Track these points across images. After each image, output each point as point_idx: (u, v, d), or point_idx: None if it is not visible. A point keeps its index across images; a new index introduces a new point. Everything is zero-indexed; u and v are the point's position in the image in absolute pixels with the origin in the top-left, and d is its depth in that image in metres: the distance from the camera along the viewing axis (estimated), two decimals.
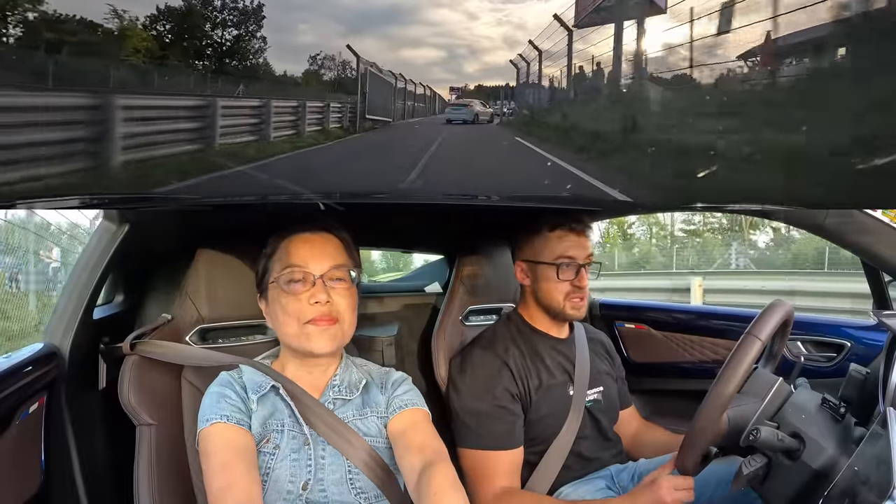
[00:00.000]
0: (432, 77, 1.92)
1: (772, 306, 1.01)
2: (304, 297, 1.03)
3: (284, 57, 1.79)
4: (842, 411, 0.96)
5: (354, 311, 1.08)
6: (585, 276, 1.34)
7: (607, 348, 1.52)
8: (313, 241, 1.07)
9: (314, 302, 1.02)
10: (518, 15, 1.77)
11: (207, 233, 1.30)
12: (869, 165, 1.08)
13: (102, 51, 1.56)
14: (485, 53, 1.83)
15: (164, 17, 1.68)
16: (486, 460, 1.25)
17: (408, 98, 2.17)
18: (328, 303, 1.03)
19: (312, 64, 1.86)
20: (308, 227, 1.09)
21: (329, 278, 1.04)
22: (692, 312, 1.96)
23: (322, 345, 1.03)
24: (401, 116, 2.17)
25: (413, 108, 2.19)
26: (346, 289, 1.06)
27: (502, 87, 2.09)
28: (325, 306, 1.03)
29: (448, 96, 2.11)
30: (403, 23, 1.68)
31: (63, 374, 1.16)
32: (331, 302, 1.03)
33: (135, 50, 1.60)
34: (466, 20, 1.76)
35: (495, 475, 1.24)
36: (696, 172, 1.21)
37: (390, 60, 1.85)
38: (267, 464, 1.00)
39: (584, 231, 1.35)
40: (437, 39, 1.74)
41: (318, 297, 1.02)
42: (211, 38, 1.75)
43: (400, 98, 2.14)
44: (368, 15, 1.67)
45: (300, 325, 1.03)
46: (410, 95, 2.17)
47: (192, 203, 1.30)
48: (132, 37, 1.60)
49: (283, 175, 1.63)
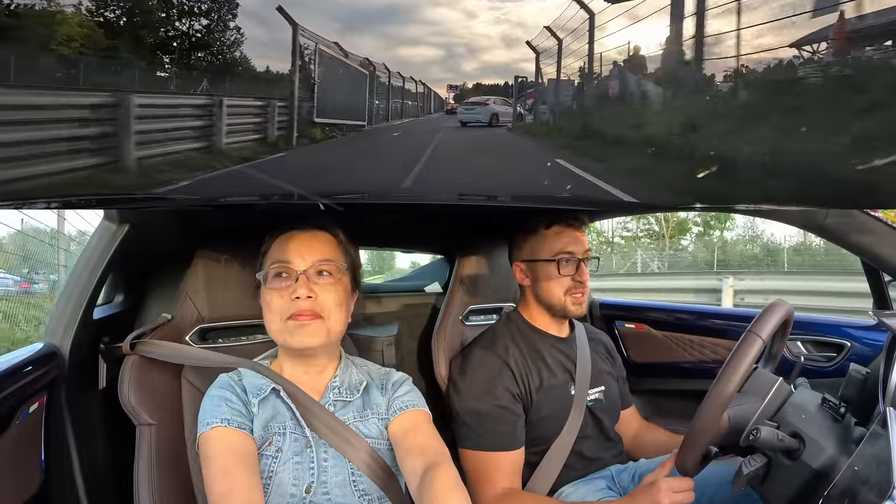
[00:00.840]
0: (431, 76, 1.89)
1: (772, 306, 1.01)
2: (286, 293, 1.02)
3: (274, 56, 1.71)
4: (842, 411, 0.96)
5: (343, 307, 1.06)
6: (585, 271, 1.34)
7: (608, 348, 1.52)
8: (301, 238, 1.07)
9: (295, 297, 1.02)
10: (516, 13, 1.76)
11: (207, 233, 1.30)
12: (869, 165, 1.07)
13: (25, 37, 1.36)
14: (483, 52, 1.82)
15: (111, 2, 1.48)
16: (488, 461, 1.25)
17: (393, 95, 1.92)
18: (310, 298, 1.02)
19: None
20: (301, 225, 1.09)
21: (314, 272, 1.04)
22: (692, 312, 1.96)
23: (302, 339, 1.02)
24: (384, 118, 1.90)
25: (401, 108, 1.94)
26: (332, 284, 1.05)
27: (516, 81, 1.86)
28: (307, 301, 1.02)
29: (445, 94, 2.04)
30: (401, 21, 1.67)
31: (63, 374, 1.16)
32: (313, 297, 1.02)
33: (68, 39, 1.40)
34: (465, 19, 1.75)
35: (496, 476, 1.24)
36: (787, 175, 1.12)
37: (388, 59, 1.83)
38: (269, 467, 1.00)
39: (580, 226, 1.36)
40: (435, 38, 1.73)
41: (299, 293, 1.01)
42: (173, 28, 1.54)
43: (382, 95, 1.88)
44: (366, 13, 1.67)
45: (282, 320, 1.03)
46: (397, 92, 1.92)
47: (192, 203, 1.30)
48: (64, 23, 1.39)
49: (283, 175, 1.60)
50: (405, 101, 1.96)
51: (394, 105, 1.91)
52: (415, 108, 2.00)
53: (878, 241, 1.09)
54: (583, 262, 1.33)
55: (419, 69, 1.84)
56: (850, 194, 1.06)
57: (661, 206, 2.50)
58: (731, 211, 4.99)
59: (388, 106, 1.86)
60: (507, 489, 1.24)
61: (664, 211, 6.33)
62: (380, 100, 1.85)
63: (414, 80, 1.91)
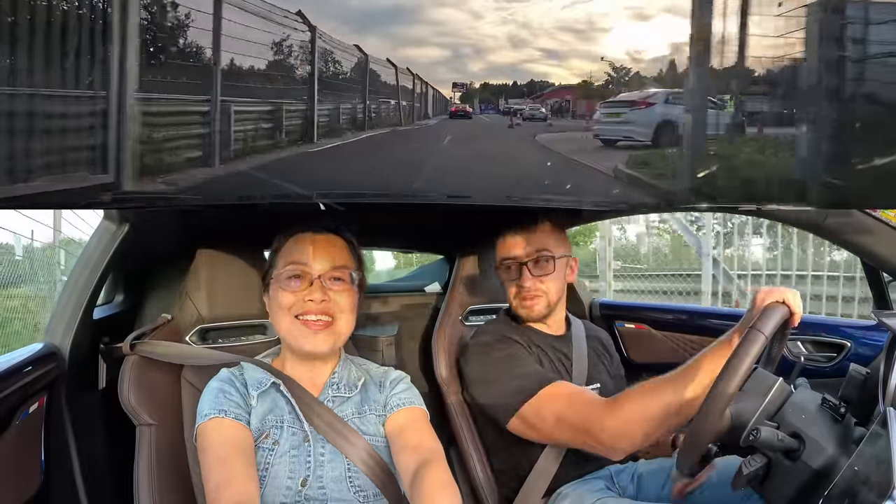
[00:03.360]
0: (437, 77, 1.87)
1: (772, 305, 1.01)
2: (300, 294, 1.04)
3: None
4: (842, 411, 0.96)
5: (352, 311, 1.09)
6: (529, 276, 1.32)
7: (606, 346, 1.52)
8: (317, 241, 1.08)
9: (309, 300, 1.04)
10: (523, 14, 1.76)
11: (207, 233, 1.30)
12: (869, 165, 1.07)
13: None
14: (489, 52, 1.81)
15: None
16: (562, 391, 1.17)
17: (338, 88, 1.29)
18: (323, 301, 1.04)
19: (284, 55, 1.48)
20: (316, 227, 1.10)
21: (328, 278, 1.06)
22: (692, 312, 1.96)
23: (316, 344, 1.05)
24: (326, 134, 1.32)
25: (367, 113, 1.34)
26: (345, 289, 1.07)
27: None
28: (321, 304, 1.04)
29: (450, 94, 1.98)
30: (407, 22, 1.67)
31: (63, 374, 1.16)
32: (327, 300, 1.04)
33: None
34: (471, 19, 1.74)
35: (578, 395, 1.16)
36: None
37: (394, 60, 1.82)
38: (266, 460, 1.00)
39: (522, 230, 1.35)
40: (441, 39, 1.72)
41: (314, 296, 1.04)
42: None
43: (330, 92, 1.31)
44: (372, 14, 1.66)
45: (292, 318, 1.04)
46: (346, 85, 1.28)
47: (192, 203, 1.30)
48: None
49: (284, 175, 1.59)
50: (382, 99, 1.55)
51: (359, 111, 1.33)
52: (390, 111, 1.61)
53: (878, 241, 1.09)
54: (526, 266, 1.32)
55: (425, 69, 1.82)
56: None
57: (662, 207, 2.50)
58: (731, 211, 5.00)
59: (338, 110, 1.28)
60: (602, 400, 1.13)
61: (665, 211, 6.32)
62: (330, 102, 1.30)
63: (391, 63, 1.48)
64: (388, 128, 1.71)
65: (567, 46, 1.77)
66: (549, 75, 1.84)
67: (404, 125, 1.81)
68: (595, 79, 1.50)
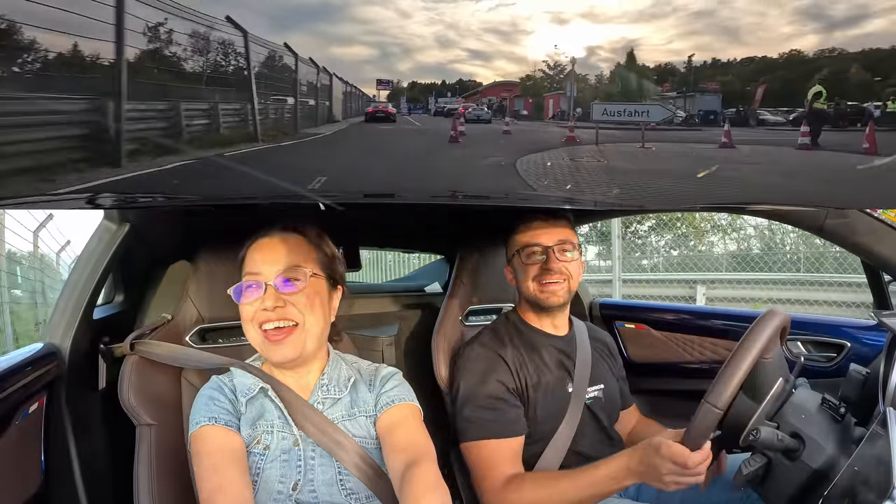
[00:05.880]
0: (364, 75, 1.81)
1: (770, 311, 1.02)
2: (255, 304, 1.02)
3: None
4: (842, 411, 0.96)
5: (318, 309, 1.04)
6: (556, 260, 1.32)
7: (609, 347, 1.52)
8: (265, 246, 1.05)
9: (263, 309, 1.01)
10: (450, 14, 1.75)
11: (207, 233, 1.30)
12: (869, 165, 1.07)
13: None
14: (417, 52, 1.80)
15: None
16: (489, 450, 1.24)
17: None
18: (278, 307, 1.01)
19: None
20: (266, 230, 1.07)
21: (281, 282, 1.02)
22: (692, 312, 1.96)
23: (284, 353, 1.02)
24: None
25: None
26: (301, 290, 1.02)
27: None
28: (276, 311, 1.01)
29: (374, 92, 1.85)
30: (334, 20, 1.64)
31: (63, 374, 1.16)
32: (282, 306, 1.01)
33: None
34: (399, 18, 1.74)
35: (499, 463, 1.23)
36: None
37: (320, 58, 1.76)
38: (257, 464, 1.00)
39: (550, 219, 1.36)
40: (368, 37, 1.70)
41: (266, 304, 1.01)
42: None
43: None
44: (297, 10, 1.62)
45: (257, 330, 1.02)
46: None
47: (192, 203, 1.30)
48: None
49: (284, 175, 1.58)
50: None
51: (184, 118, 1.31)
52: (292, 110, 1.46)
53: (878, 241, 1.09)
54: (552, 251, 1.32)
55: (352, 68, 1.77)
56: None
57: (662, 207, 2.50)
58: (731, 211, 5.01)
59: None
60: (511, 475, 1.22)
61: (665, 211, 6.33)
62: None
63: (291, 48, 1.35)
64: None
65: (492, 48, 1.76)
66: (475, 75, 1.81)
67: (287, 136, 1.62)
68: (533, 76, 1.60)
